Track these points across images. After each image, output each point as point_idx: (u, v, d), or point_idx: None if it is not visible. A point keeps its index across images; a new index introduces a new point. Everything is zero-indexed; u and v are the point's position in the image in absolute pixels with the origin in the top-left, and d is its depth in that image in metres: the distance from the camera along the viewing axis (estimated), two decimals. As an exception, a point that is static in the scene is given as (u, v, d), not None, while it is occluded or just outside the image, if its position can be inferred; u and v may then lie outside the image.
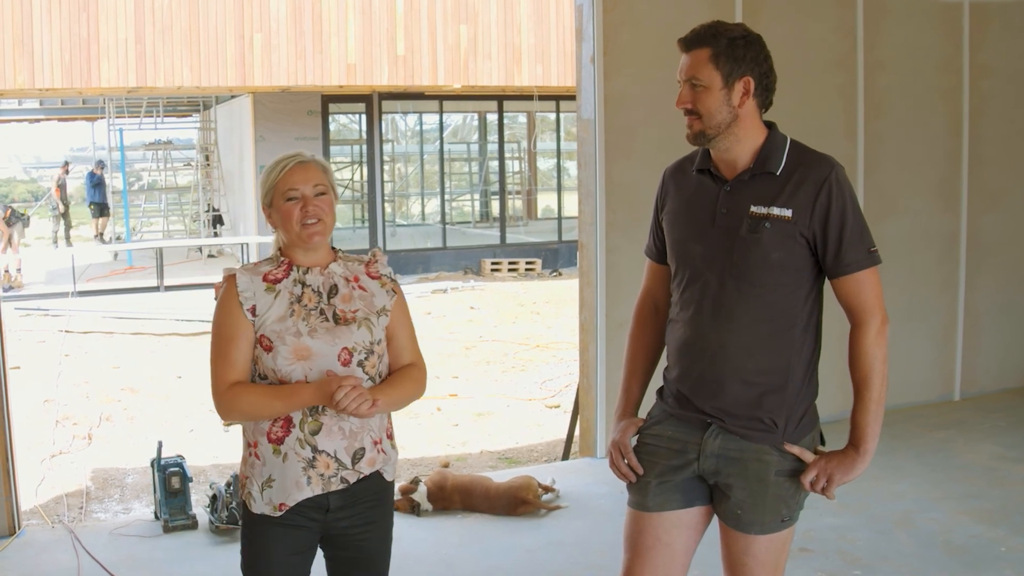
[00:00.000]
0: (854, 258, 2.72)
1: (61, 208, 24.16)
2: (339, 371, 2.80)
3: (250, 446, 2.86)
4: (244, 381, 2.81)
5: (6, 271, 18.00)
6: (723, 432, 2.81)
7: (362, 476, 2.87)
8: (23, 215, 21.12)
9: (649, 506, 2.91)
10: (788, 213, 2.71)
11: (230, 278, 2.84)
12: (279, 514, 2.82)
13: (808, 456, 2.79)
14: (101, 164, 23.62)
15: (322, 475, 2.81)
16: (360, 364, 2.84)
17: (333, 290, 2.88)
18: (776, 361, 2.77)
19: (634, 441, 2.98)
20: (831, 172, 2.73)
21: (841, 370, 2.89)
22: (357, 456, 2.87)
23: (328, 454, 2.81)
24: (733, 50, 2.71)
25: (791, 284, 2.75)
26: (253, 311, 2.80)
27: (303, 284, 2.85)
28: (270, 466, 2.82)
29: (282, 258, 2.89)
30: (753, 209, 2.74)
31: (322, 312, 2.84)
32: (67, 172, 24.73)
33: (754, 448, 2.78)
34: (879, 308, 2.78)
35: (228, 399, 2.79)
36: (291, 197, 2.83)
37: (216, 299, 2.86)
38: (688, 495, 2.89)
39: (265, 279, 2.84)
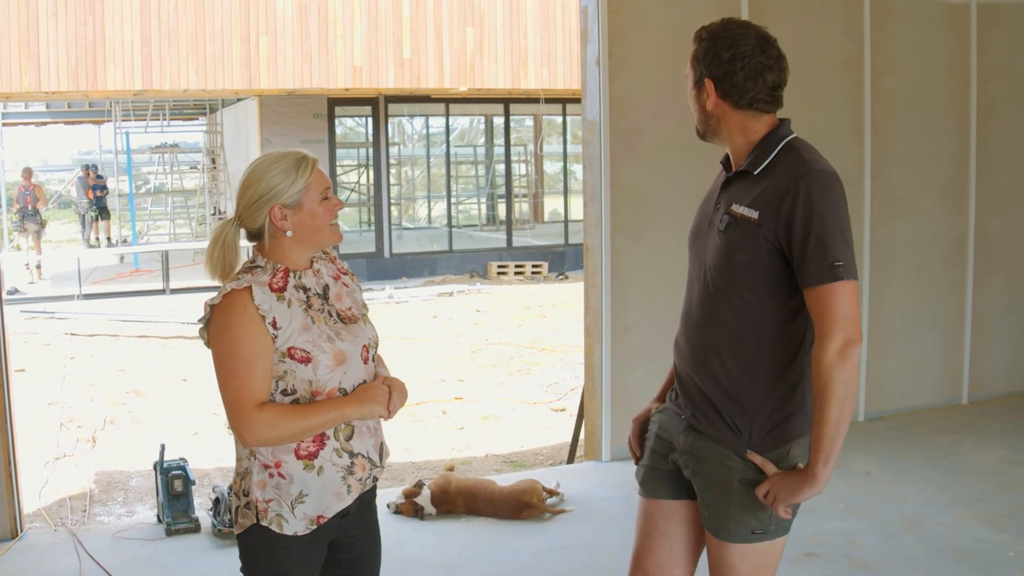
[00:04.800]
0: (814, 271, 2.56)
1: (82, 210, 24.26)
2: (363, 369, 2.74)
3: (269, 467, 2.67)
4: (267, 402, 2.63)
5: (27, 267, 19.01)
6: (693, 431, 2.80)
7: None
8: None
9: (643, 491, 2.98)
10: (755, 215, 2.63)
11: (244, 291, 2.61)
12: (312, 529, 2.69)
13: (770, 468, 2.69)
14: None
15: (360, 480, 2.75)
16: (371, 359, 2.82)
17: (326, 290, 2.78)
18: (741, 366, 2.71)
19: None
20: (803, 179, 2.58)
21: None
22: (382, 451, 2.84)
23: (363, 456, 2.75)
24: (698, 51, 2.73)
25: (762, 291, 2.67)
26: (274, 324, 2.61)
27: (303, 289, 2.71)
28: (300, 482, 2.67)
29: (277, 264, 2.71)
30: (732, 207, 2.70)
31: (329, 314, 2.74)
32: (87, 174, 24.83)
33: (719, 451, 2.75)
34: (842, 327, 2.55)
35: (263, 425, 2.60)
36: (327, 196, 2.73)
37: (206, 318, 2.65)
38: (675, 487, 2.90)
39: (271, 289, 2.66)
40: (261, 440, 2.62)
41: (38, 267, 19.29)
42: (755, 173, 2.68)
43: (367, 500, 2.85)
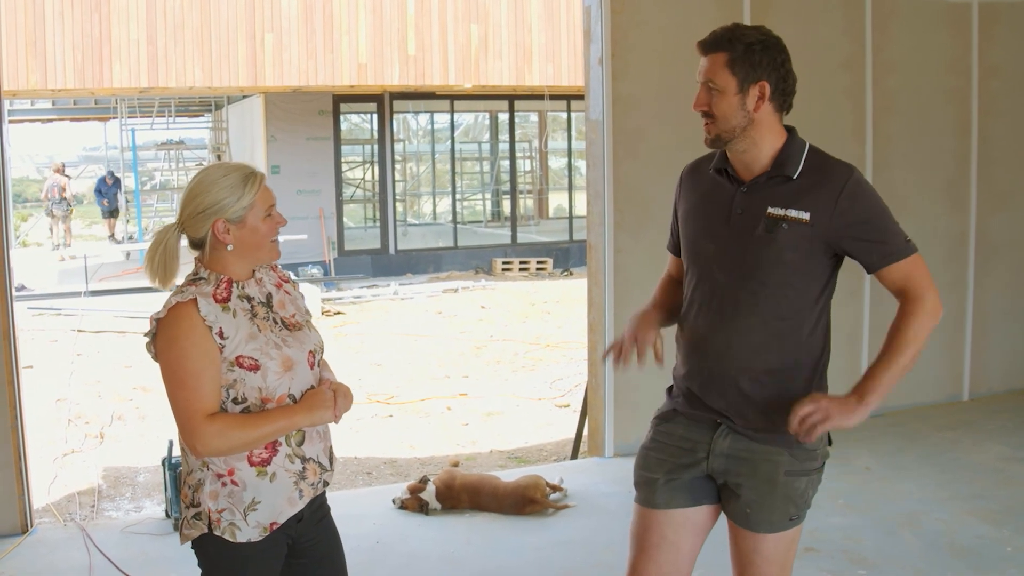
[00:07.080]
0: (894, 249, 2.76)
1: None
2: (310, 375, 2.78)
3: (223, 476, 2.68)
4: (218, 413, 2.64)
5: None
6: (732, 432, 2.84)
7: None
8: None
9: (657, 503, 2.94)
10: (807, 216, 2.72)
11: (190, 303, 2.62)
12: (264, 536, 2.71)
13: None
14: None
15: (312, 484, 2.78)
16: (317, 365, 2.85)
17: (269, 298, 2.80)
18: (783, 361, 2.79)
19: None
20: (850, 178, 2.74)
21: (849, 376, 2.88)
22: (331, 456, 2.88)
23: (314, 460, 2.78)
24: (749, 56, 2.73)
25: (801, 286, 2.77)
26: (221, 334, 2.62)
27: (247, 298, 2.74)
28: (253, 489, 2.68)
29: (220, 275, 2.73)
30: (771, 210, 2.76)
31: (275, 321, 2.76)
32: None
33: (763, 448, 2.81)
34: (932, 288, 2.78)
35: (213, 435, 2.60)
36: (270, 213, 2.74)
37: (152, 332, 2.67)
38: (696, 494, 2.92)
39: (216, 300, 2.67)
40: (212, 450, 2.63)
41: (67, 247, 22.39)
42: (795, 177, 2.76)
43: (319, 502, 2.89)
